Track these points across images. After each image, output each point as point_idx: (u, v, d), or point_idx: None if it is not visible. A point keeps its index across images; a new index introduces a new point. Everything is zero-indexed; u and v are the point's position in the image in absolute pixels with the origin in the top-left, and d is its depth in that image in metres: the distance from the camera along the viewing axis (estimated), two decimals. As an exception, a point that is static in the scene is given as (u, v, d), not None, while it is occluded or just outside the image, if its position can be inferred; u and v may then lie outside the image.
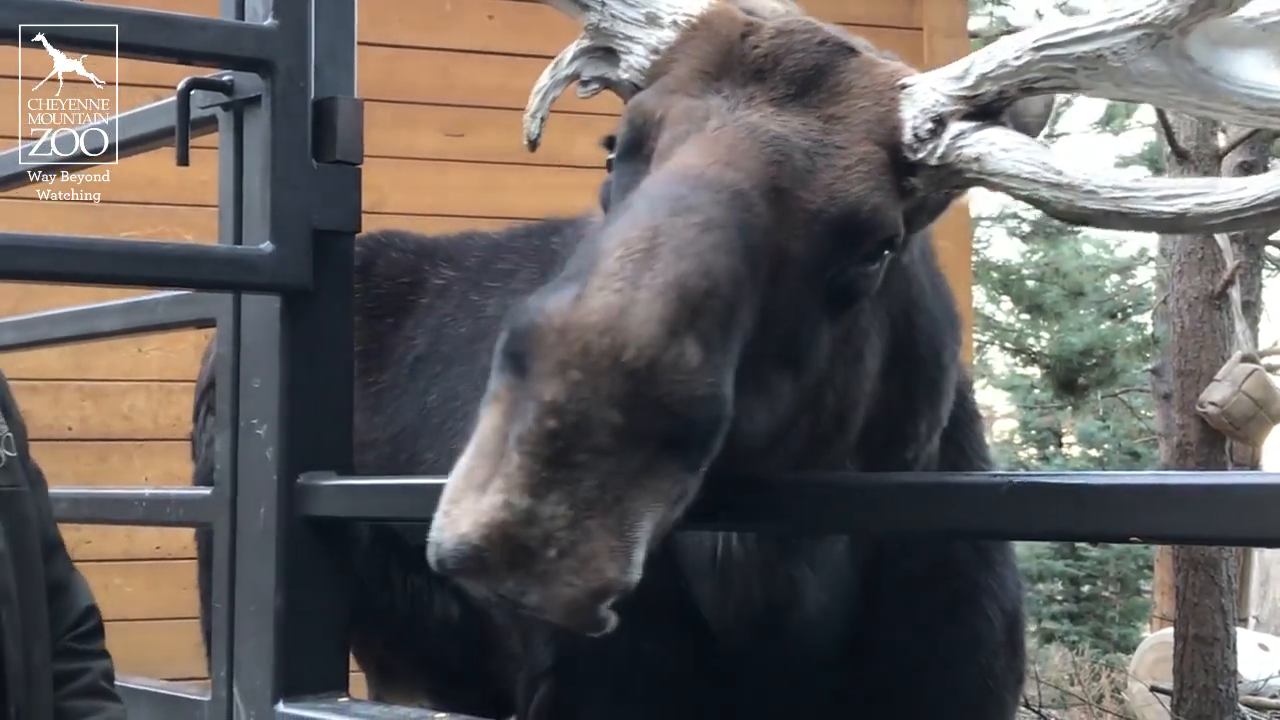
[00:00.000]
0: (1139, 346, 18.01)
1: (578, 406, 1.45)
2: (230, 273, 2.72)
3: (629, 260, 1.53)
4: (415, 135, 6.46)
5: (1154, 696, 10.24)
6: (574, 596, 1.48)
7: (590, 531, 1.47)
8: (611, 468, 1.47)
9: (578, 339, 1.47)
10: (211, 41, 2.63)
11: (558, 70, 2.07)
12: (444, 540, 1.49)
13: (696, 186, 1.67)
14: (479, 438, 1.52)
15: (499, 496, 1.46)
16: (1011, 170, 1.77)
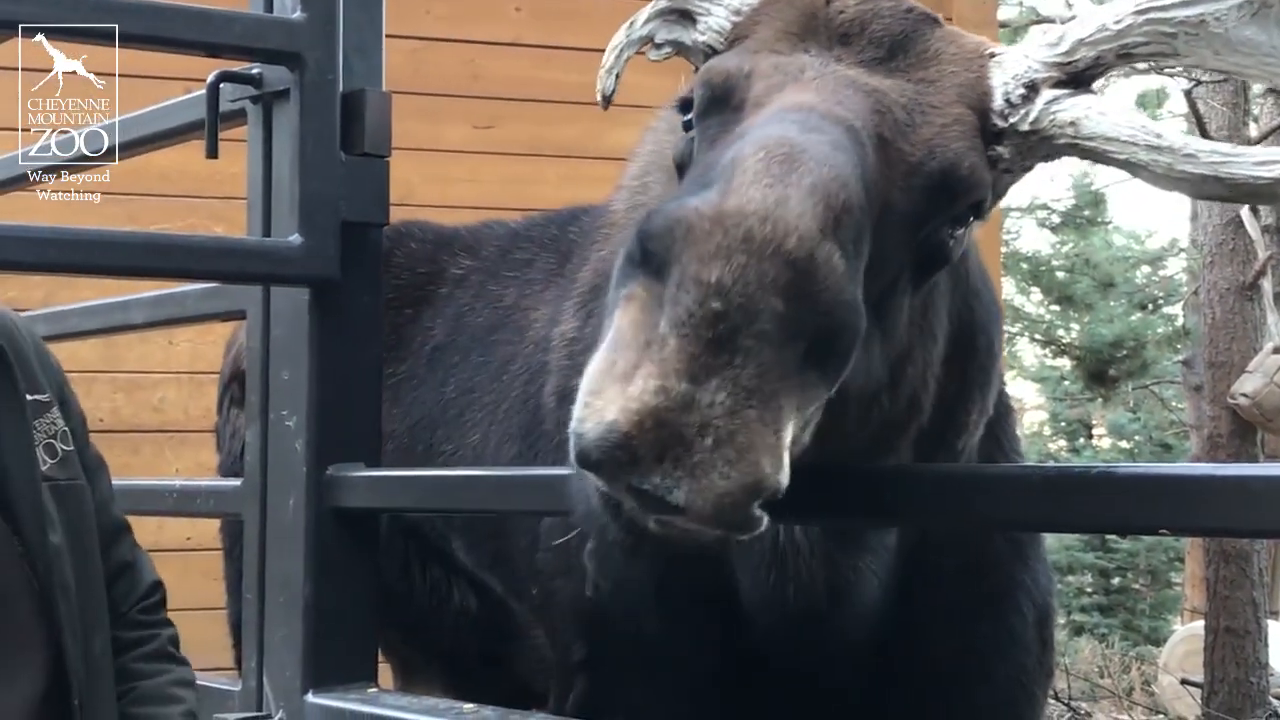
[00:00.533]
0: (1170, 338, 17.91)
1: (744, 289, 1.41)
2: (259, 265, 2.73)
3: (773, 161, 1.50)
4: (443, 128, 6.47)
5: (1184, 689, 10.19)
6: (728, 489, 1.41)
7: (749, 422, 1.41)
8: (771, 358, 1.42)
9: (738, 225, 1.43)
10: (240, 35, 2.64)
11: (633, 30, 2.04)
12: (586, 430, 1.43)
13: (815, 115, 1.66)
14: (615, 334, 1.46)
15: (653, 381, 1.40)
16: (1110, 133, 1.76)
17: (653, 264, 1.47)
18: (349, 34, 2.71)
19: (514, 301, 3.30)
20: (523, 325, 3.21)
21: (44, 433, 2.07)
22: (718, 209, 1.44)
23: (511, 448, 3.01)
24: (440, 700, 2.51)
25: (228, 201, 4.81)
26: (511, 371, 3.13)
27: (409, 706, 2.50)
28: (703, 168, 1.65)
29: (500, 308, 3.34)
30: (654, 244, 1.47)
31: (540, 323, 3.13)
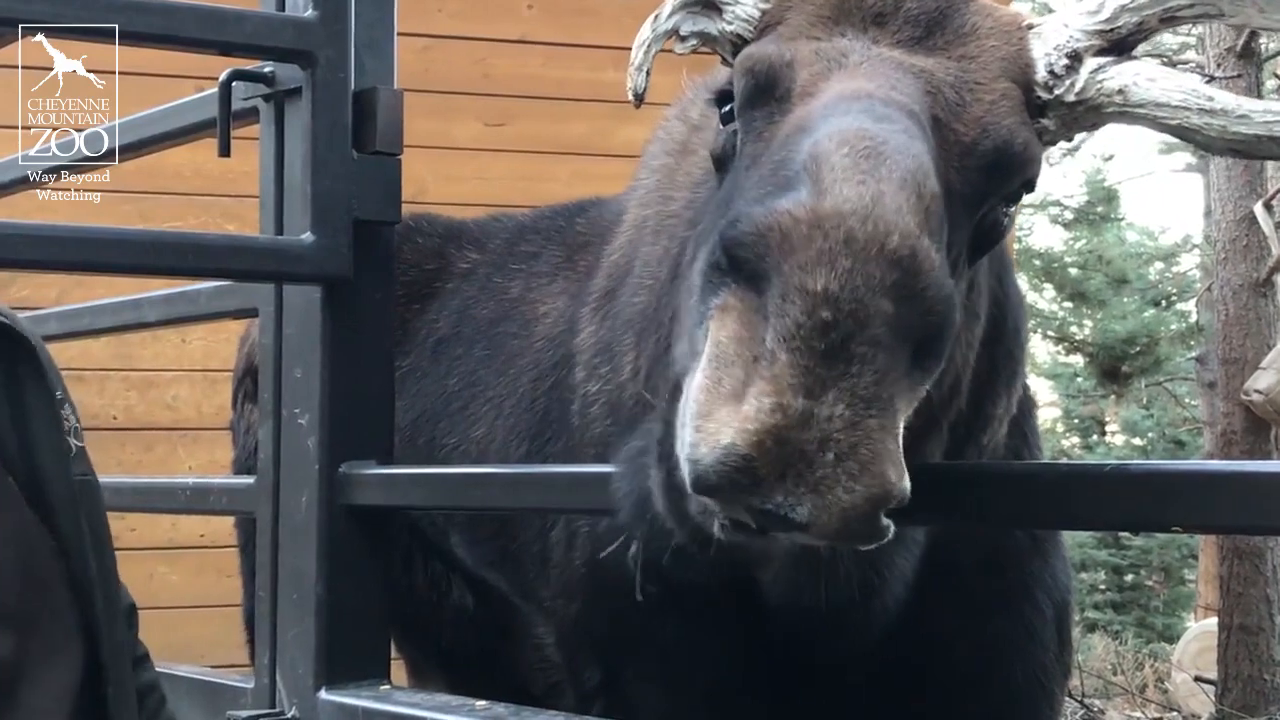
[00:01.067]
0: (1183, 334, 17.87)
1: (854, 294, 1.37)
2: (272, 263, 2.73)
3: (859, 155, 1.46)
4: (455, 125, 6.48)
5: (1198, 686, 10.17)
6: (854, 504, 1.38)
7: (870, 432, 1.38)
8: (886, 363, 1.39)
9: (838, 227, 1.39)
10: (252, 33, 2.65)
11: (658, 23, 1.99)
12: (703, 456, 1.39)
13: (878, 102, 1.62)
14: (715, 350, 1.42)
15: (768, 400, 1.36)
16: (1161, 99, 1.73)
17: (744, 272, 1.43)
18: (360, 32, 2.72)
19: (520, 294, 3.28)
20: (530, 318, 3.18)
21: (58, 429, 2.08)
22: (813, 211, 1.40)
23: (520, 446, 2.99)
24: (452, 697, 2.51)
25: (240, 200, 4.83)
26: (519, 366, 3.11)
27: (421, 703, 2.50)
28: (770, 166, 1.61)
29: (506, 300, 3.31)
30: (745, 251, 1.42)
31: (550, 318, 3.11)
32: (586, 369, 2.76)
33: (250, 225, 3.15)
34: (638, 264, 2.74)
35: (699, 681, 2.38)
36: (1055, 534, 2.52)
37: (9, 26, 2.30)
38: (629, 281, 2.74)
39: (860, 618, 2.16)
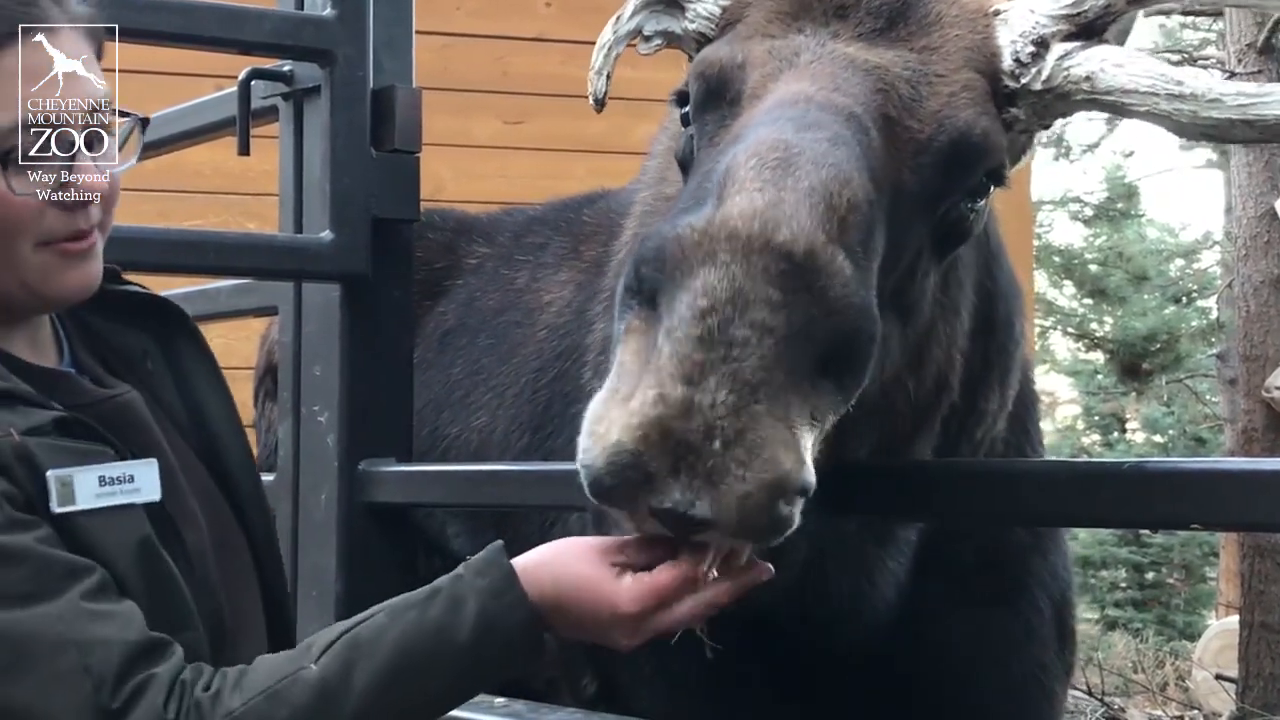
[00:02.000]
0: (1203, 331, 17.80)
1: (732, 282, 1.36)
2: (291, 261, 2.74)
3: (765, 168, 1.44)
4: (473, 123, 6.49)
5: (1219, 685, 10.12)
6: (748, 492, 1.35)
7: (757, 416, 1.35)
8: (773, 350, 1.36)
9: (723, 230, 1.38)
10: (271, 32, 2.66)
11: (620, 25, 1.96)
12: (594, 459, 1.38)
13: (813, 108, 1.60)
14: (618, 367, 1.42)
15: (651, 392, 1.35)
16: (1128, 85, 1.69)
17: (645, 291, 1.43)
18: (379, 31, 2.73)
19: (525, 284, 3.26)
20: (533, 307, 3.17)
21: None
22: (705, 223, 1.40)
23: (521, 438, 2.97)
24: (471, 694, 2.51)
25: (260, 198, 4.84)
26: (522, 355, 3.09)
27: (440, 700, 2.51)
28: (700, 177, 1.60)
29: (511, 290, 3.30)
30: (647, 269, 1.43)
31: (554, 307, 3.09)
32: (594, 368, 2.76)
33: (270, 223, 3.16)
34: None
35: (697, 684, 2.36)
36: (1055, 530, 2.49)
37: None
38: None
39: (852, 623, 2.14)
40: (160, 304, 2.00)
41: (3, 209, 1.65)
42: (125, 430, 1.75)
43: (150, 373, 1.93)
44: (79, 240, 1.72)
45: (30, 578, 1.51)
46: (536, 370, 3.00)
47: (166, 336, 1.99)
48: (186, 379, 1.99)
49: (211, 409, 2.00)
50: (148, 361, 1.94)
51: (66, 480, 1.60)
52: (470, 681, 1.63)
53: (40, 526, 1.55)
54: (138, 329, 1.95)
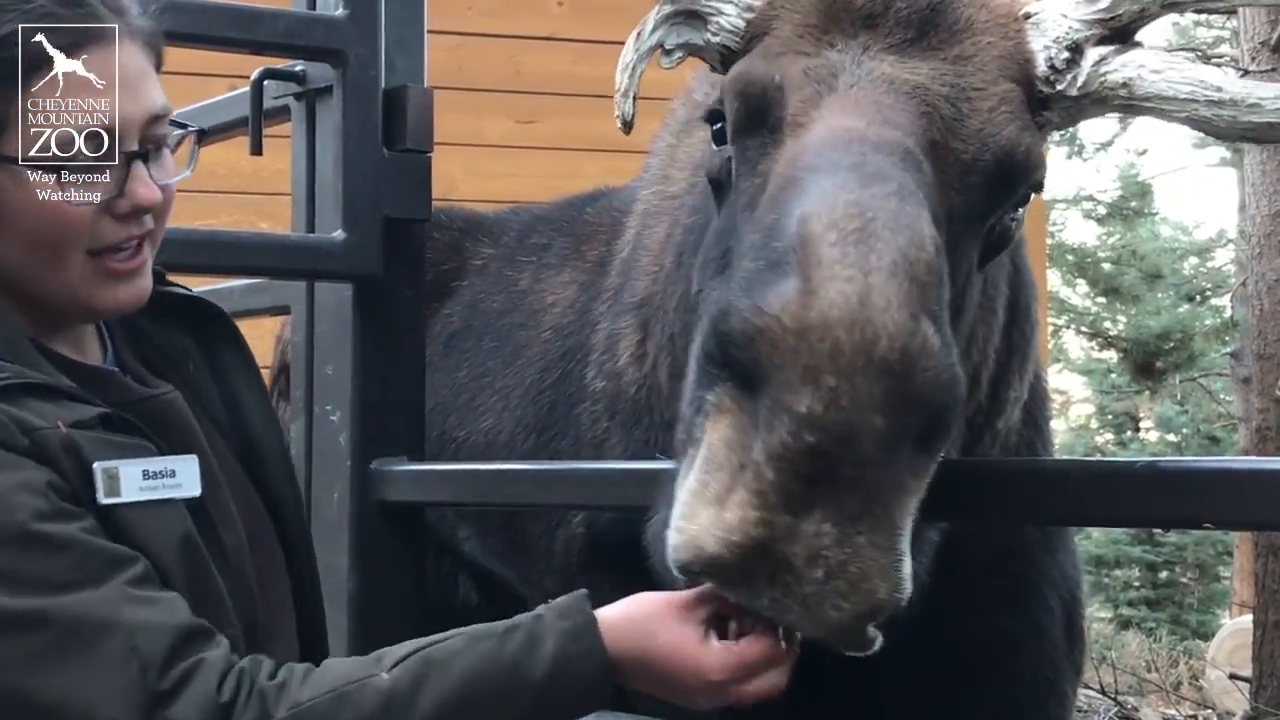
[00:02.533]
0: (1218, 330, 17.75)
1: (839, 416, 1.33)
2: (303, 261, 2.75)
3: (847, 243, 1.41)
4: (485, 123, 6.49)
5: (1233, 684, 10.09)
6: (840, 620, 1.38)
7: (859, 548, 1.36)
8: (877, 477, 1.36)
9: (823, 339, 1.35)
10: (284, 32, 2.66)
11: (641, 42, 1.91)
12: (685, 560, 1.40)
13: (869, 150, 1.57)
14: (707, 451, 1.41)
15: (752, 513, 1.35)
16: (1167, 93, 1.67)
17: (736, 372, 1.41)
18: (391, 30, 2.73)
19: (528, 285, 3.26)
20: (537, 309, 3.16)
21: None
22: (799, 319, 1.36)
23: (526, 440, 2.97)
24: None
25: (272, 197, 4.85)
26: (526, 357, 3.09)
27: (453, 699, 2.51)
28: (762, 232, 1.54)
29: (515, 292, 3.29)
30: (737, 352, 1.40)
31: (558, 308, 3.08)
32: (596, 367, 2.76)
33: (282, 223, 3.17)
34: (640, 250, 2.73)
35: None
36: (1064, 529, 2.48)
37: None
38: (633, 270, 2.73)
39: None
40: (202, 305, 2.03)
41: (58, 218, 1.68)
42: (167, 429, 1.77)
43: (191, 373, 1.96)
44: (130, 258, 1.75)
45: (74, 566, 1.52)
46: (540, 372, 3.00)
47: (207, 337, 2.01)
48: (226, 379, 2.01)
49: (249, 408, 2.02)
50: (189, 361, 1.97)
51: (112, 472, 1.61)
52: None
53: (85, 517, 1.56)
54: (180, 329, 1.98)
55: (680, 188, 2.65)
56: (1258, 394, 9.62)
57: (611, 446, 2.59)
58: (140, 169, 1.72)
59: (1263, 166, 9.15)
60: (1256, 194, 9.32)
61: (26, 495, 1.52)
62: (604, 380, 2.69)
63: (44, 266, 1.70)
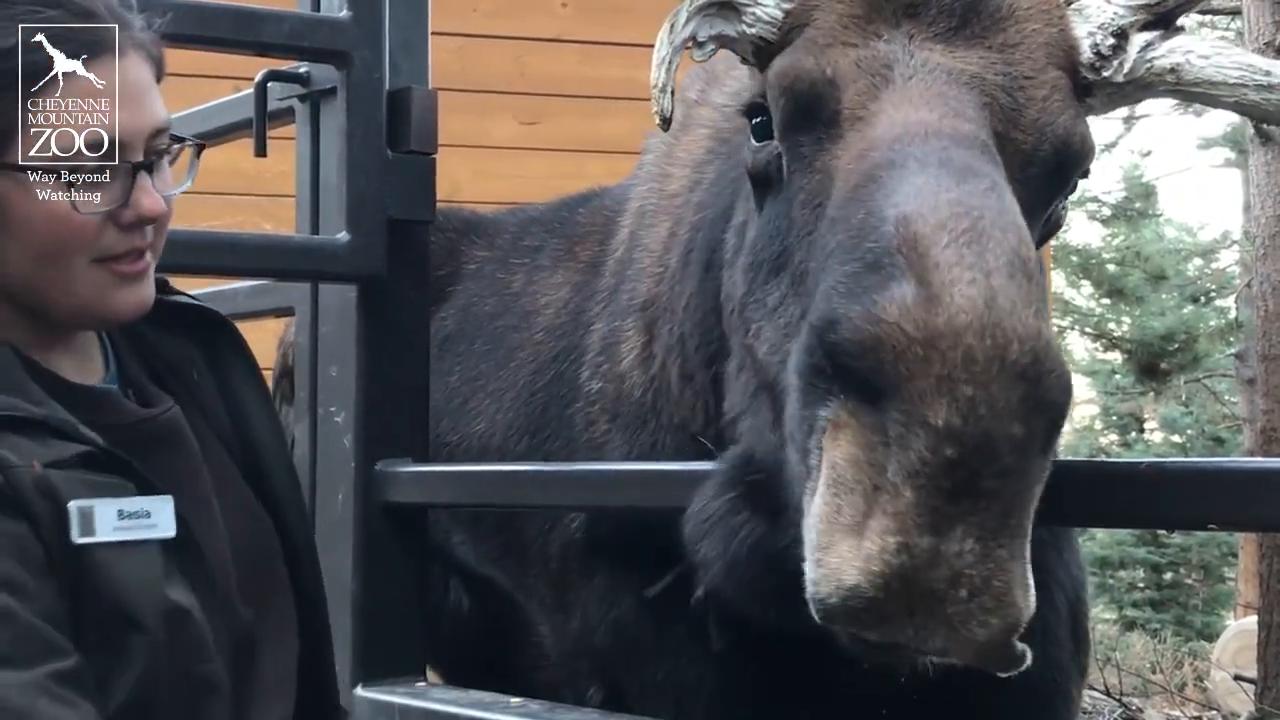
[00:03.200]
0: (1222, 331, 17.74)
1: (979, 427, 1.29)
2: (307, 262, 2.75)
3: (961, 244, 1.37)
4: (490, 124, 6.49)
5: (1237, 685, 10.09)
6: (989, 637, 1.34)
7: (1001, 563, 1.32)
8: (1015, 487, 1.33)
9: (955, 346, 1.31)
10: (288, 34, 2.66)
11: (674, 35, 1.86)
12: (827, 596, 1.35)
13: (949, 144, 1.54)
14: (833, 473, 1.36)
15: (892, 539, 1.30)
16: (1216, 78, 1.68)
17: (853, 385, 1.36)
18: (395, 32, 2.73)
19: (521, 288, 3.25)
20: (529, 310, 3.15)
21: None
22: (926, 326, 1.31)
23: (519, 443, 2.96)
24: (487, 694, 2.51)
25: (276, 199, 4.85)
26: (519, 359, 3.07)
27: (456, 700, 2.51)
28: (849, 232, 1.50)
29: (507, 294, 3.28)
30: (853, 363, 1.35)
31: (551, 309, 3.07)
32: (591, 367, 2.75)
33: (286, 224, 3.16)
34: (638, 250, 2.72)
35: (710, 693, 2.35)
36: (1069, 530, 2.47)
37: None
38: (630, 270, 2.72)
39: None
40: (206, 313, 2.05)
41: (64, 226, 1.69)
42: (163, 449, 1.78)
43: (196, 382, 1.97)
44: (134, 261, 1.76)
45: (8, 642, 1.50)
46: (533, 374, 3.00)
47: (212, 345, 2.02)
48: (230, 387, 2.02)
49: (253, 416, 2.02)
50: (194, 370, 1.98)
51: (87, 511, 1.61)
52: None
53: (41, 599, 1.54)
54: (184, 337, 1.99)
55: (680, 185, 2.64)
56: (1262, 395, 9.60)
57: (612, 450, 2.59)
58: (145, 180, 1.74)
59: (1268, 168, 9.14)
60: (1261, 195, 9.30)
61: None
62: (602, 382, 2.68)
63: (49, 274, 1.72)
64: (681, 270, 2.40)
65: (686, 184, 2.60)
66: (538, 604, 2.92)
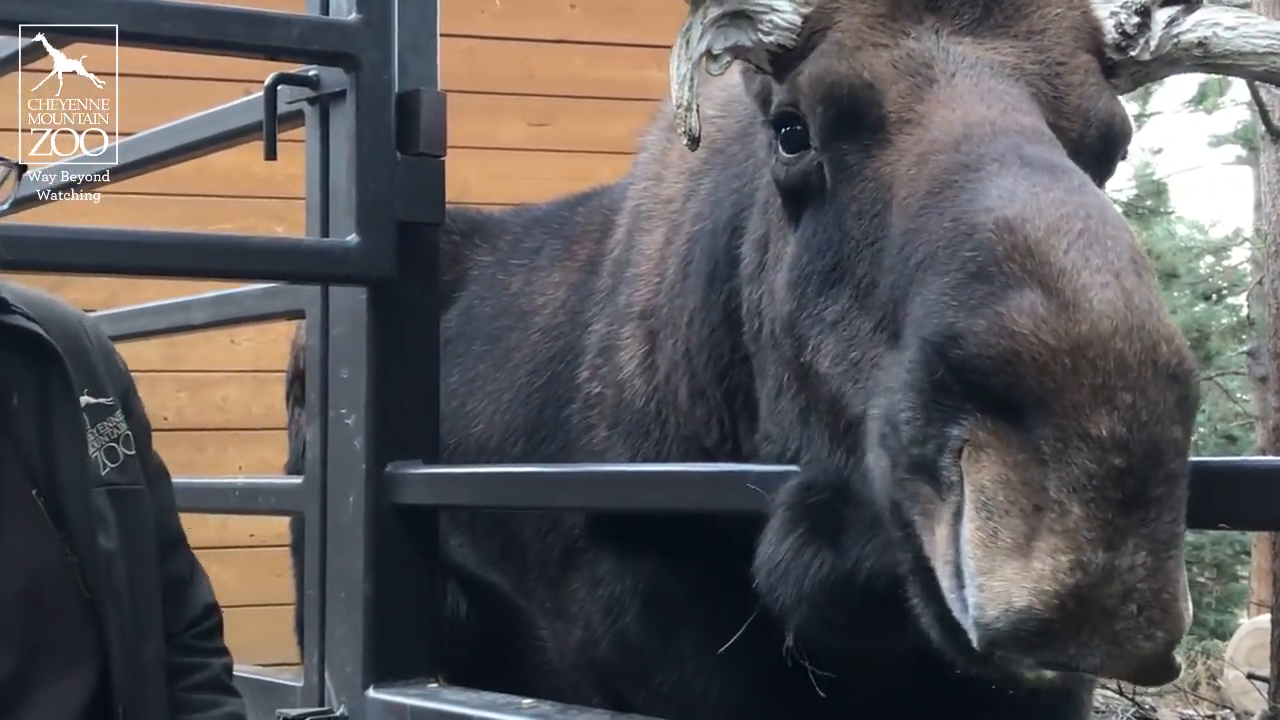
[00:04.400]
0: (1234, 329, 17.68)
1: (1145, 434, 1.25)
2: (317, 265, 2.75)
3: (1081, 246, 1.33)
4: (498, 125, 6.50)
5: (1251, 684, 10.06)
6: (1154, 651, 1.30)
7: (1169, 573, 1.28)
8: (1179, 492, 1.28)
9: (1105, 352, 1.26)
10: (297, 38, 2.66)
11: (691, 50, 1.80)
12: (993, 619, 1.29)
13: (1023, 140, 1.50)
14: (981, 495, 1.30)
15: (1065, 558, 1.25)
16: (1244, 48, 1.66)
17: (990, 402, 1.30)
18: (404, 34, 2.73)
19: (519, 288, 3.23)
20: (527, 310, 3.14)
21: (106, 436, 2.07)
22: (1070, 335, 1.27)
23: (516, 444, 2.95)
24: (499, 695, 2.51)
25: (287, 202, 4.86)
26: (516, 359, 3.06)
27: (468, 702, 2.51)
28: (939, 240, 1.45)
29: (506, 295, 3.27)
30: (988, 380, 1.30)
31: (548, 309, 3.06)
32: (590, 369, 2.73)
33: (297, 227, 3.17)
34: (634, 253, 2.70)
35: (716, 703, 2.33)
36: None
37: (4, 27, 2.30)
38: (627, 272, 2.70)
39: None
40: (38, 339, 2.01)
41: None
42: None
43: (14, 410, 1.95)
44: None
45: None
46: (530, 374, 2.98)
47: (39, 371, 2.00)
48: (49, 420, 1.99)
49: (64, 454, 1.99)
50: (15, 396, 1.96)
51: None
52: None
53: None
54: (17, 360, 1.97)
55: (674, 190, 2.62)
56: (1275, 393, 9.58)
57: (614, 458, 2.57)
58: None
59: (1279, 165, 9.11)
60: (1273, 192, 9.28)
61: None
62: (601, 386, 2.66)
63: None
64: (681, 283, 2.38)
65: (682, 190, 2.58)
66: (538, 607, 2.92)
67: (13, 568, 1.84)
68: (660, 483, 2.31)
